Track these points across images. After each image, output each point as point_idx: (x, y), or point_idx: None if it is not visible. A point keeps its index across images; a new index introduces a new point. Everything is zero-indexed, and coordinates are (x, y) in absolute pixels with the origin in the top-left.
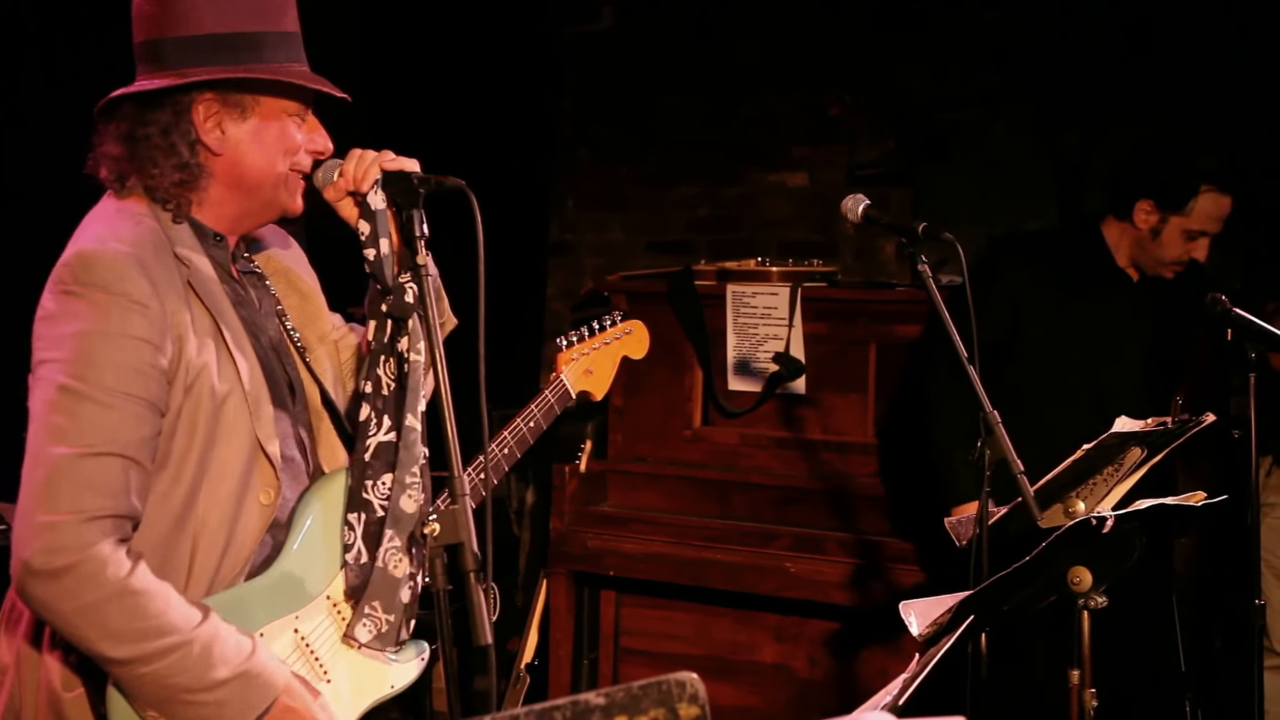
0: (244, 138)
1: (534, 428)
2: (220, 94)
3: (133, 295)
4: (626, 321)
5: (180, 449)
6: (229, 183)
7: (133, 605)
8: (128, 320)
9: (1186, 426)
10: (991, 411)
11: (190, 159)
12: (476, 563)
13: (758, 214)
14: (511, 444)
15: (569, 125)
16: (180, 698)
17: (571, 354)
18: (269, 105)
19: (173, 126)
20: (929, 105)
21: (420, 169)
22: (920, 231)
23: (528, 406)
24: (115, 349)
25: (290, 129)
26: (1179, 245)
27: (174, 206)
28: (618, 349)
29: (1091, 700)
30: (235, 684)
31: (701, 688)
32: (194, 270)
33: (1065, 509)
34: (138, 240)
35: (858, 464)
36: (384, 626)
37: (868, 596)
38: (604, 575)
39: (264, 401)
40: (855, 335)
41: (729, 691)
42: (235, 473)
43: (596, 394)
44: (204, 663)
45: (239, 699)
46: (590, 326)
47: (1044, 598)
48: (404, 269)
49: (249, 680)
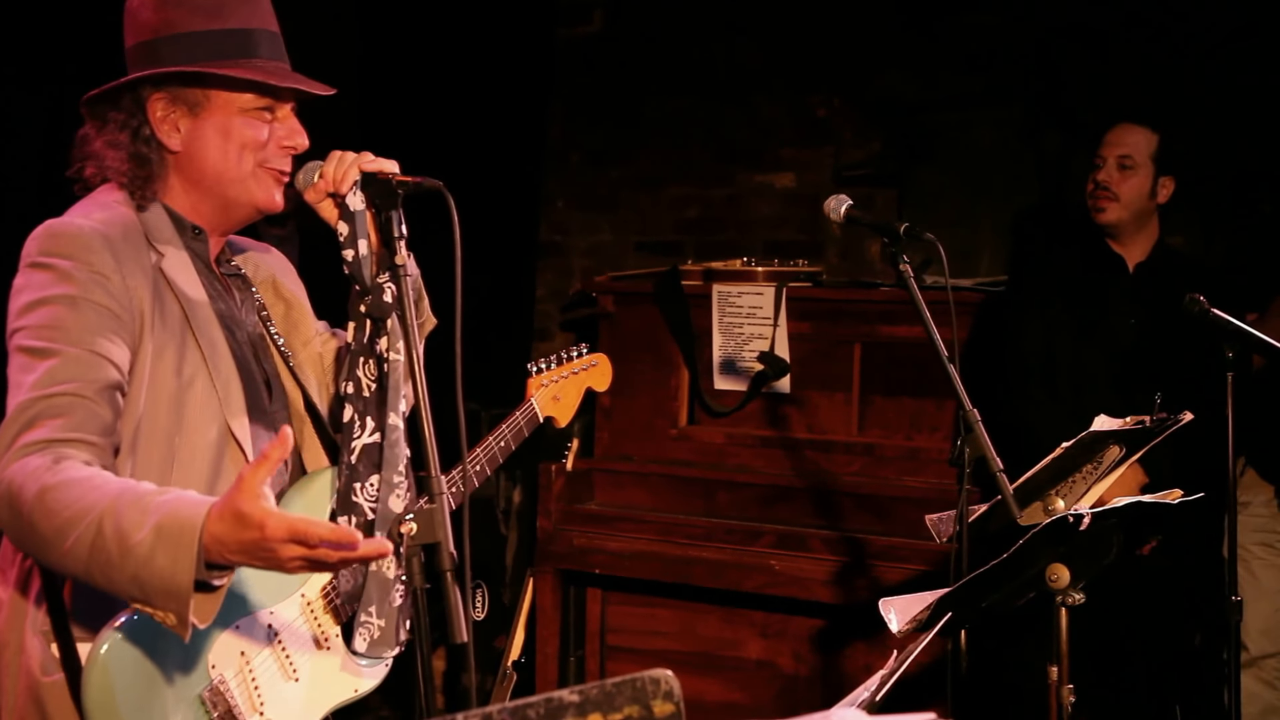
0: (198, 134)
1: (504, 447)
2: (170, 90)
3: (95, 266)
4: (592, 355)
5: (146, 429)
6: (191, 178)
7: (50, 504)
8: (90, 288)
9: (1165, 425)
10: (971, 410)
11: (149, 154)
12: (453, 562)
13: (745, 215)
14: (483, 461)
15: (559, 127)
16: (122, 573)
17: (542, 380)
18: (223, 101)
19: (129, 124)
20: (915, 107)
21: (400, 170)
22: (902, 232)
23: (499, 427)
24: (78, 312)
25: (251, 124)
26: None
27: (139, 196)
28: (584, 379)
29: (1069, 696)
30: (157, 541)
31: (676, 685)
32: (167, 258)
33: (1045, 506)
34: (107, 220)
35: (842, 462)
36: (377, 632)
37: (852, 593)
38: (590, 573)
39: (235, 391)
40: (840, 335)
41: (714, 687)
42: (205, 457)
43: (561, 420)
44: (118, 536)
45: (171, 549)
46: (560, 356)
47: (1022, 595)
48: (382, 269)
49: (164, 530)
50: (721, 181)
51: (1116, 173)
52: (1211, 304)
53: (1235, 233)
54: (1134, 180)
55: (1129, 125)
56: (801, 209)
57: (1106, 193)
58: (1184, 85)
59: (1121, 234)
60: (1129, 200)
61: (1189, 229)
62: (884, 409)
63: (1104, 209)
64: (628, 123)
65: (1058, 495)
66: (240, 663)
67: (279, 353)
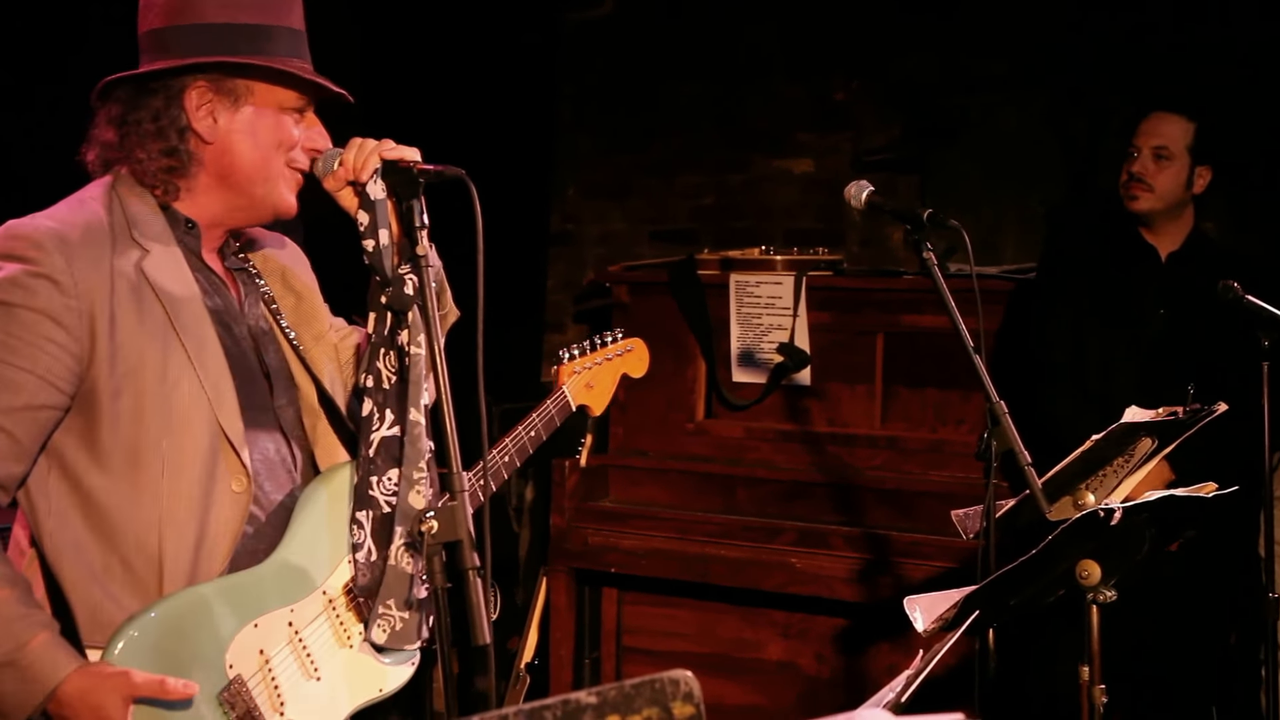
0: (236, 127)
1: (534, 437)
2: (213, 81)
3: (42, 268)
4: (628, 340)
5: (129, 436)
6: (218, 173)
7: None
8: (33, 292)
9: (1198, 416)
10: (998, 401)
11: (179, 146)
12: (474, 562)
13: (762, 202)
14: (512, 452)
15: (570, 113)
16: None
17: (574, 367)
18: (264, 96)
19: (163, 112)
20: (936, 90)
21: (421, 158)
22: (925, 218)
23: (529, 416)
24: (11, 320)
25: (286, 123)
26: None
27: (160, 193)
28: (619, 365)
29: (1101, 697)
30: (6, 671)
31: (696, 686)
32: (153, 255)
33: (1075, 501)
34: (70, 220)
35: (864, 456)
36: (399, 624)
37: (875, 591)
38: (605, 572)
39: (225, 389)
40: (862, 325)
41: (734, 690)
42: (198, 461)
43: (596, 409)
44: None
45: (12, 688)
46: (593, 341)
47: (1052, 592)
48: (404, 260)
49: (19, 670)
50: (738, 168)
51: (1152, 164)
52: (1247, 292)
53: (1272, 220)
54: (1170, 171)
55: (1164, 114)
56: (821, 196)
57: (1141, 184)
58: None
59: (1155, 223)
60: (1164, 192)
61: (1223, 216)
62: (908, 401)
63: (1137, 197)
64: (640, 108)
65: (1088, 489)
66: (259, 662)
67: (289, 345)
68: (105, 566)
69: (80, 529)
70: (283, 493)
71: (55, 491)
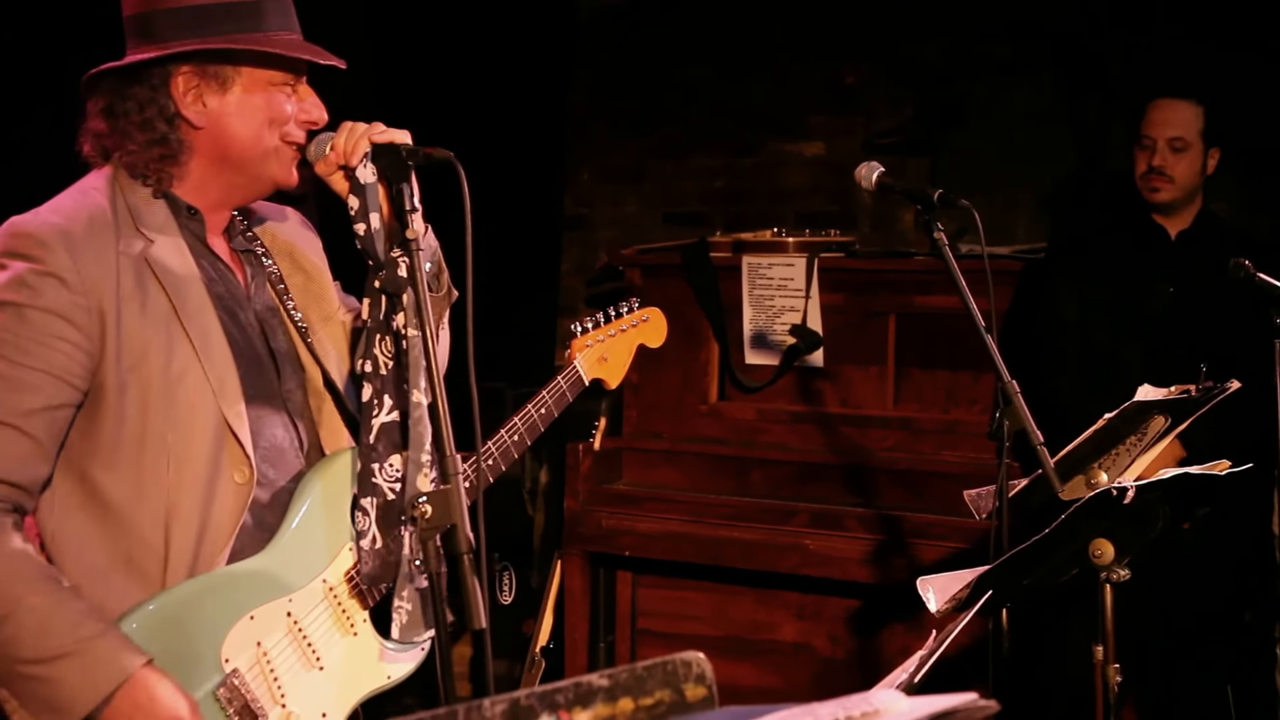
0: (226, 110)
1: (545, 414)
2: (198, 66)
3: (48, 266)
4: (644, 309)
5: (134, 430)
6: (212, 157)
7: None
8: (40, 291)
9: (1211, 393)
10: (1010, 381)
11: (169, 134)
12: (469, 545)
13: (774, 185)
14: (522, 430)
15: (583, 97)
16: (17, 670)
17: (586, 340)
18: (252, 76)
19: (150, 101)
20: (946, 72)
21: (411, 141)
22: (936, 198)
23: (539, 393)
24: (21, 320)
25: (277, 99)
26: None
27: (154, 182)
28: (634, 336)
29: (1115, 676)
30: (74, 660)
31: (709, 667)
32: (157, 245)
33: (1087, 480)
34: (73, 214)
35: (877, 437)
36: (405, 617)
37: (889, 573)
38: (620, 555)
39: (230, 379)
40: (874, 306)
41: (749, 672)
42: (202, 453)
43: (611, 382)
44: (40, 632)
45: (77, 676)
46: (606, 313)
47: (1065, 572)
48: (395, 243)
49: (89, 659)
50: (750, 151)
51: (1170, 155)
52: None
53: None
54: (1187, 159)
55: (1174, 101)
56: (832, 178)
57: (1161, 176)
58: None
59: (1171, 209)
60: (1184, 182)
61: (1232, 194)
62: (920, 382)
63: (1159, 189)
64: (653, 92)
65: (1101, 468)
66: (256, 654)
67: (295, 328)
68: (109, 564)
69: (84, 527)
70: (289, 478)
71: (59, 489)
